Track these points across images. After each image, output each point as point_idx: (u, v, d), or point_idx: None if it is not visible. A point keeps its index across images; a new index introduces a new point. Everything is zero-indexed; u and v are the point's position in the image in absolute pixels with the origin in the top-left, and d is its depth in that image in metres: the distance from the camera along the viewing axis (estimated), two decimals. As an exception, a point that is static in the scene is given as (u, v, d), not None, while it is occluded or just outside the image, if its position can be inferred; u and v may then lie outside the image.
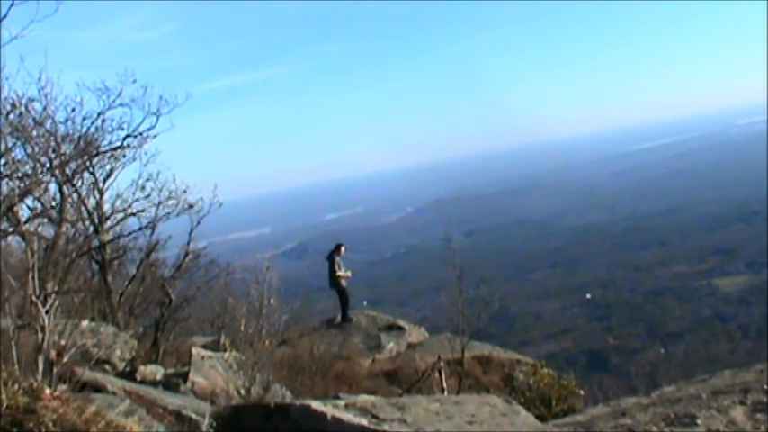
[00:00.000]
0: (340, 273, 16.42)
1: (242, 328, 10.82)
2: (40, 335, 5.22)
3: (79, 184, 12.48)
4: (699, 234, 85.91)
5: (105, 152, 12.49)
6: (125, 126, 12.15)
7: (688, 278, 71.87)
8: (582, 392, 13.84)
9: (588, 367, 44.93)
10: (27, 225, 9.90)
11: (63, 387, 5.42)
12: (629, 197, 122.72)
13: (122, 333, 11.20)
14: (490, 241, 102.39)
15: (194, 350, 10.45)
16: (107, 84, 11.62)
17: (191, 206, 13.36)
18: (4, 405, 4.05)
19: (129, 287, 13.33)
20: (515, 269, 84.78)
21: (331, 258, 16.56)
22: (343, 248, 16.85)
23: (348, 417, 5.22)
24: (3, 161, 8.74)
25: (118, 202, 13.33)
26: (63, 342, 5.48)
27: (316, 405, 5.46)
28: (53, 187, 11.31)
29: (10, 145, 9.40)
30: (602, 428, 4.56)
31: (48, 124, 10.98)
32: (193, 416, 6.57)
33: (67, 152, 11.40)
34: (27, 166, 10.04)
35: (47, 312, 5.28)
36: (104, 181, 13.16)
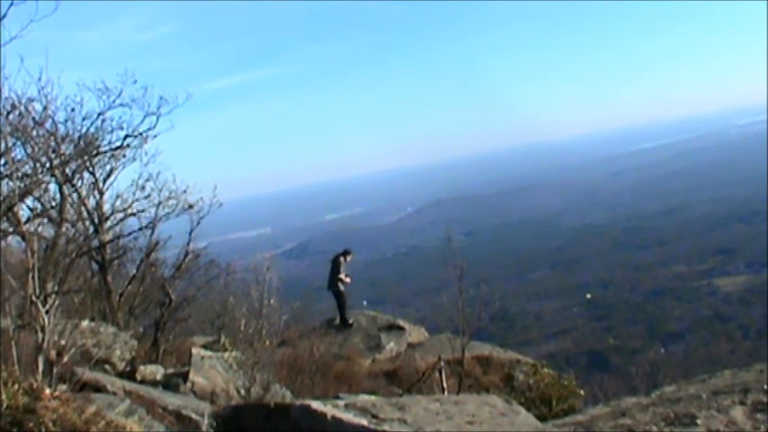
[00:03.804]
0: (342, 276, 16.45)
1: (242, 328, 10.82)
2: (40, 335, 5.21)
3: (79, 184, 12.48)
4: (699, 234, 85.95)
5: (105, 152, 12.49)
6: (125, 126, 12.16)
7: (688, 278, 71.92)
8: (582, 392, 13.84)
9: (588, 367, 44.92)
10: (27, 225, 9.91)
11: (63, 387, 5.42)
12: (629, 197, 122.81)
13: (122, 333, 11.19)
14: (490, 241, 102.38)
15: (194, 350, 10.45)
16: (107, 84, 11.64)
17: (191, 206, 13.34)
18: (4, 405, 4.05)
19: (129, 287, 13.31)
20: (515, 269, 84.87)
21: (336, 261, 16.57)
22: (350, 256, 16.86)
23: (348, 417, 5.21)
24: (3, 161, 8.74)
25: (118, 202, 13.31)
26: (63, 342, 5.47)
27: (316, 405, 5.45)
28: (53, 187, 11.33)
29: (10, 145, 9.40)
30: (602, 428, 4.56)
31: (48, 124, 10.98)
32: (193, 416, 6.56)
33: (67, 152, 11.40)
34: (27, 166, 10.05)
35: (47, 312, 5.27)
36: (104, 181, 13.14)
